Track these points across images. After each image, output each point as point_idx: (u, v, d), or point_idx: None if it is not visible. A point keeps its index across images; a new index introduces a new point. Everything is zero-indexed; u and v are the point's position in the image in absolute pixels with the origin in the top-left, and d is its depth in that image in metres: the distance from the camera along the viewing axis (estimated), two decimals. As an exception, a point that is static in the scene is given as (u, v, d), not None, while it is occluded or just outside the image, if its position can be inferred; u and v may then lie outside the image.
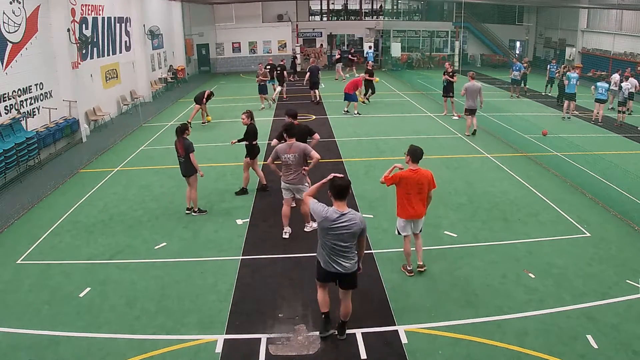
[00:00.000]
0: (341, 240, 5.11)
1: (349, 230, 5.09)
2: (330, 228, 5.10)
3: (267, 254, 7.60)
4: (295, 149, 7.71)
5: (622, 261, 7.29)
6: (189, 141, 8.75)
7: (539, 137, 13.66)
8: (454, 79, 17.09)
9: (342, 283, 5.38)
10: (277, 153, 7.78)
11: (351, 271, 5.25)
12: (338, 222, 5.09)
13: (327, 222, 5.11)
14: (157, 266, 7.30)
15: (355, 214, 5.21)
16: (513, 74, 21.18)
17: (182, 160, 8.77)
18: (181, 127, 8.78)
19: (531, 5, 32.23)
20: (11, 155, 10.71)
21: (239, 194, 9.93)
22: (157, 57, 23.52)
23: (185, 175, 8.87)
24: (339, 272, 5.23)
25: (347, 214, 5.13)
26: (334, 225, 5.09)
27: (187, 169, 8.78)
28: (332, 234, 5.12)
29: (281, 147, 7.84)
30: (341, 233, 5.09)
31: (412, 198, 6.55)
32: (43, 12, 13.11)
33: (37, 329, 5.84)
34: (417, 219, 6.68)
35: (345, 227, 5.08)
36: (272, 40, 32.74)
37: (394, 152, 12.95)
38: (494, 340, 5.53)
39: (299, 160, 7.73)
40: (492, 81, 27.07)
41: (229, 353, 5.41)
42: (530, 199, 9.67)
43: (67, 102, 14.01)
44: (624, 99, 16.58)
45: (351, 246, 5.18)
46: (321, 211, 5.15)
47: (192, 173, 8.79)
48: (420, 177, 6.52)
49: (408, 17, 36.78)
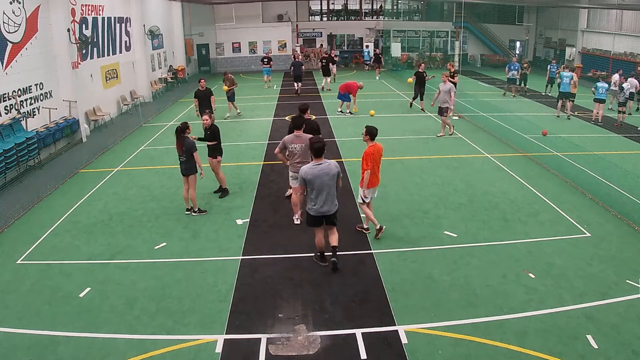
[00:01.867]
0: (325, 183, 6.63)
1: (328, 173, 6.64)
2: (315, 175, 6.59)
3: (267, 254, 7.61)
4: (302, 139, 8.16)
5: (622, 261, 7.30)
6: (191, 140, 8.75)
7: (539, 137, 13.66)
8: (454, 79, 17.10)
9: (328, 220, 6.91)
10: (285, 143, 8.24)
11: (335, 210, 6.85)
12: (318, 168, 6.63)
13: (311, 172, 6.60)
14: (157, 266, 7.31)
15: (330, 161, 6.78)
16: (511, 73, 21.22)
17: (183, 159, 8.75)
18: (181, 126, 8.76)
19: (531, 5, 32.23)
20: (11, 155, 10.71)
21: (223, 196, 9.88)
22: (157, 57, 23.53)
23: (185, 175, 8.84)
24: (326, 214, 6.76)
25: (323, 163, 6.69)
26: (315, 171, 6.60)
27: (187, 169, 8.76)
28: (318, 181, 6.60)
29: (289, 137, 8.30)
30: (322, 177, 6.62)
31: (374, 169, 7.87)
32: (43, 12, 13.12)
33: (37, 329, 5.84)
34: (377, 186, 8.07)
35: (325, 172, 6.63)
36: (272, 40, 32.74)
37: (394, 152, 12.96)
38: (494, 340, 5.53)
39: (305, 150, 8.10)
40: (492, 81, 27.06)
41: (229, 353, 5.42)
42: (530, 199, 9.68)
43: (67, 102, 14.01)
44: (625, 99, 16.58)
45: (333, 188, 6.74)
46: (303, 170, 6.65)
47: (193, 173, 8.78)
48: (378, 150, 7.89)
49: (408, 17, 36.79)
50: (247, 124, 16.61)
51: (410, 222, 8.64)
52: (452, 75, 17.09)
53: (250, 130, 15.67)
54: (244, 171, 11.56)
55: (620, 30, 25.47)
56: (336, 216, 6.96)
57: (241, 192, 10.20)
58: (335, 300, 6.35)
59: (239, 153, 12.98)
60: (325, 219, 6.87)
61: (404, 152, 12.98)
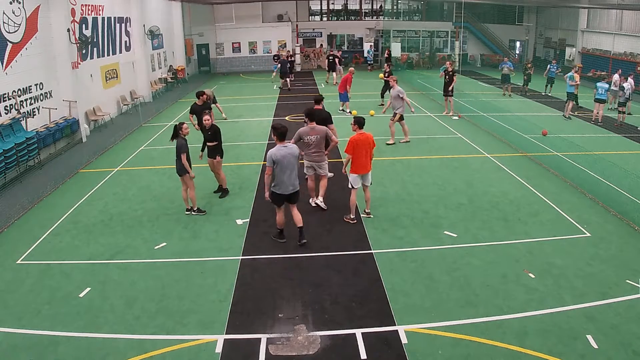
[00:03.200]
0: (290, 162, 7.38)
1: (292, 154, 7.45)
2: (283, 156, 7.33)
3: (267, 254, 7.61)
4: (317, 131, 8.80)
5: (622, 261, 7.30)
6: (182, 141, 8.63)
7: (539, 137, 13.66)
8: (453, 79, 17.10)
9: (291, 200, 7.65)
10: (300, 135, 8.76)
11: (298, 189, 7.64)
12: (284, 150, 7.38)
13: (279, 153, 7.33)
14: (157, 266, 7.31)
15: (292, 145, 7.74)
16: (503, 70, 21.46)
17: (176, 159, 8.72)
18: (178, 125, 8.68)
19: (531, 5, 32.22)
20: (11, 155, 10.71)
21: (223, 196, 9.87)
22: (157, 57, 23.52)
23: (179, 175, 8.81)
24: (292, 192, 7.53)
25: (287, 146, 7.50)
26: (282, 152, 7.35)
27: (179, 169, 8.72)
28: (285, 161, 7.33)
29: (304, 129, 8.83)
30: (288, 157, 7.38)
31: (363, 156, 8.31)
32: (43, 12, 13.12)
33: (37, 329, 5.84)
34: (366, 173, 8.47)
35: (290, 153, 7.42)
36: (272, 40, 32.73)
37: (394, 152, 12.97)
38: (494, 340, 5.53)
39: (320, 141, 8.82)
40: (492, 81, 27.05)
41: (229, 353, 5.42)
42: (530, 199, 9.68)
43: (67, 102, 14.01)
44: (625, 100, 16.58)
45: (296, 167, 7.51)
46: (272, 152, 7.39)
47: (185, 173, 8.72)
48: (366, 138, 8.36)
49: (408, 17, 36.78)
50: (247, 124, 16.60)
51: (410, 222, 8.64)
52: (452, 74, 17.07)
53: (250, 130, 15.67)
54: (244, 171, 11.56)
55: (620, 30, 25.46)
56: (298, 195, 7.75)
57: (241, 192, 10.20)
58: (335, 300, 6.35)
59: (239, 153, 12.98)
60: (288, 198, 7.60)
61: (404, 152, 12.98)
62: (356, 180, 8.48)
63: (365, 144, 8.33)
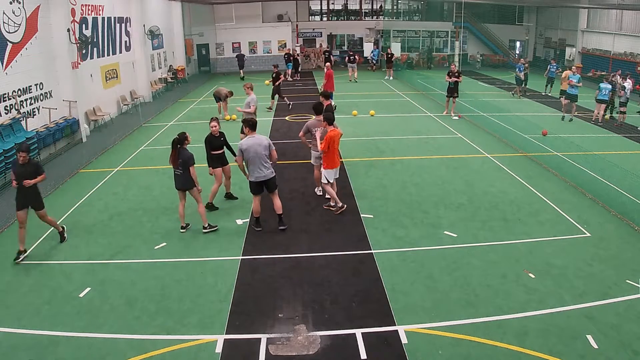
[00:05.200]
0: (259, 152, 7.84)
1: (260, 144, 7.88)
2: (250, 145, 7.83)
3: (267, 254, 7.61)
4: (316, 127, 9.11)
5: (622, 261, 7.30)
6: (189, 153, 8.09)
7: (539, 137, 13.65)
8: (459, 79, 17.10)
9: (268, 188, 8.10)
10: (308, 127, 9.15)
11: (271, 176, 8.03)
12: (252, 140, 7.89)
13: (247, 143, 7.86)
14: (157, 266, 7.31)
15: (261, 136, 8.09)
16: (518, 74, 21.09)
17: (180, 172, 8.07)
18: (179, 137, 8.12)
19: (531, 5, 32.23)
20: (11, 155, 10.70)
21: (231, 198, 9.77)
22: (157, 57, 23.51)
23: (184, 189, 8.18)
24: (264, 179, 7.95)
25: (257, 136, 8.00)
26: (250, 142, 7.85)
27: (185, 182, 8.09)
28: (252, 150, 7.81)
29: (312, 122, 9.22)
30: (255, 147, 7.83)
31: (335, 151, 8.72)
32: (43, 12, 13.11)
33: (37, 329, 5.84)
34: (338, 167, 8.91)
35: (257, 143, 7.88)
36: (272, 40, 32.74)
37: (394, 152, 12.97)
38: (494, 340, 5.53)
39: None
40: (492, 81, 27.06)
41: (229, 353, 5.42)
42: (530, 199, 9.68)
43: (67, 102, 14.01)
44: (626, 99, 16.57)
45: (266, 157, 7.94)
46: (241, 142, 7.94)
47: (192, 186, 8.13)
48: (337, 134, 8.71)
49: (408, 17, 36.78)
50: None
51: (410, 222, 8.64)
52: (457, 75, 17.02)
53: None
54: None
55: (620, 30, 25.46)
56: (275, 183, 8.16)
57: (241, 192, 10.19)
58: (335, 300, 6.35)
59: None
60: (265, 185, 8.05)
61: (404, 152, 12.98)
62: (330, 175, 8.83)
63: (336, 140, 8.72)
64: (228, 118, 16.88)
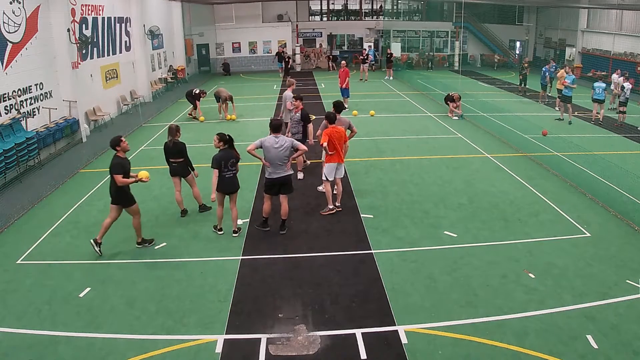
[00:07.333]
0: (278, 152, 7.74)
1: (282, 145, 7.79)
2: (271, 144, 7.76)
3: (267, 254, 7.61)
4: (341, 122, 9.42)
5: (622, 261, 7.29)
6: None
7: (539, 137, 13.66)
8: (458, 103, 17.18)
9: (281, 191, 8.04)
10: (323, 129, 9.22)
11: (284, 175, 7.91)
12: (275, 140, 7.81)
13: (269, 141, 7.79)
14: (157, 266, 7.31)
15: (286, 138, 8.00)
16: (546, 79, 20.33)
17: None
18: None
19: (531, 5, 32.22)
20: (11, 155, 10.70)
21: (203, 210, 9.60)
22: (157, 57, 23.52)
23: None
24: (280, 180, 7.89)
25: (280, 138, 7.87)
26: (272, 142, 7.78)
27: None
28: (273, 150, 7.74)
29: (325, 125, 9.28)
30: (277, 147, 7.76)
31: (338, 147, 8.80)
32: (43, 12, 13.11)
33: (37, 329, 5.84)
34: (341, 162, 9.01)
35: (280, 144, 7.78)
36: (272, 40, 32.74)
37: (394, 152, 12.96)
38: (494, 340, 5.53)
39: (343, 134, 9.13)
40: (492, 81, 27.06)
41: (229, 353, 5.42)
42: (530, 199, 9.67)
43: (67, 102, 14.01)
44: (625, 99, 16.56)
45: (285, 161, 7.87)
46: (262, 140, 7.85)
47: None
48: (338, 131, 8.90)
49: (408, 17, 36.78)
50: (247, 124, 16.60)
51: (410, 222, 8.64)
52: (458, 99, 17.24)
53: (250, 130, 15.64)
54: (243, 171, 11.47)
55: (620, 30, 25.46)
56: (291, 186, 8.17)
57: (241, 192, 10.15)
58: (335, 300, 6.35)
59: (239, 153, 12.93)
60: (280, 187, 8.00)
61: (404, 152, 12.98)
62: (331, 172, 8.88)
63: (337, 136, 8.85)
64: (228, 118, 16.91)
